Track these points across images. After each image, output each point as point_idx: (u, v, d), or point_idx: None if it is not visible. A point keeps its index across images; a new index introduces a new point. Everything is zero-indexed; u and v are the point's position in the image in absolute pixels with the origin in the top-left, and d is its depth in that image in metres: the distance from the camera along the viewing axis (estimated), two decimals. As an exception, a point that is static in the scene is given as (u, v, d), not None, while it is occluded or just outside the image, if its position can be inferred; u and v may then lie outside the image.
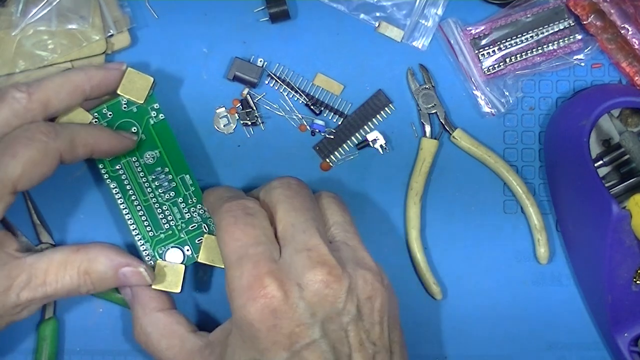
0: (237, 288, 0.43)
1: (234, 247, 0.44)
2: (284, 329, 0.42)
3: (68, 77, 0.49)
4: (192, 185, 0.53)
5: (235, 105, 0.57)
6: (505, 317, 0.58)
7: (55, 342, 0.55)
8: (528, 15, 0.58)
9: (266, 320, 0.42)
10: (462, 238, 0.58)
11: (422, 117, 0.58)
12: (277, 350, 0.42)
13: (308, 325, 0.42)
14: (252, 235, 0.45)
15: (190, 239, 0.53)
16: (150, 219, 0.52)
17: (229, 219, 0.46)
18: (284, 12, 0.57)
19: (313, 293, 0.43)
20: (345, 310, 0.43)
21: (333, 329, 0.43)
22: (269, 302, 0.42)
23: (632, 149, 0.55)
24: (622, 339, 0.55)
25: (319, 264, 0.43)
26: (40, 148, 0.46)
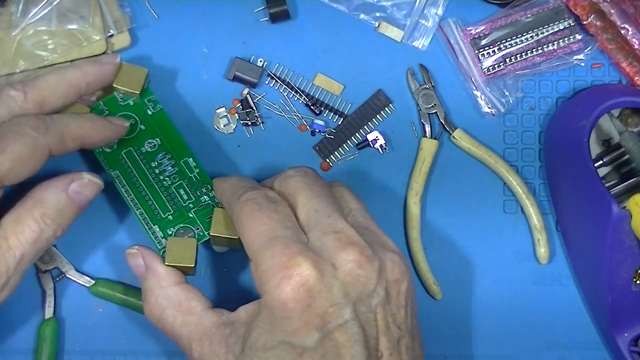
0: (269, 268, 0.42)
1: (261, 231, 0.44)
2: (317, 308, 0.41)
3: (63, 75, 0.49)
4: (196, 167, 0.53)
5: (235, 105, 0.57)
6: (505, 317, 0.58)
7: (55, 342, 0.55)
8: (528, 15, 0.58)
9: (301, 300, 0.41)
10: (462, 238, 0.58)
11: (422, 117, 0.58)
12: (309, 330, 0.41)
13: (341, 305, 0.42)
14: (278, 220, 0.44)
15: (200, 217, 0.52)
16: (157, 202, 0.52)
17: (252, 205, 0.45)
18: (284, 12, 0.57)
19: (346, 273, 0.42)
20: (376, 292, 0.43)
21: (363, 310, 0.43)
22: (304, 281, 0.41)
23: (632, 149, 0.55)
24: (622, 339, 0.55)
25: (349, 245, 0.43)
26: (29, 143, 0.45)
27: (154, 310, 0.48)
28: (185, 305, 0.47)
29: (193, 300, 0.47)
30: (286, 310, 0.42)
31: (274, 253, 0.43)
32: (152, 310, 0.48)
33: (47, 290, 0.55)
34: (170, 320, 0.47)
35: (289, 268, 0.42)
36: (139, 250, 0.50)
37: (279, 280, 0.42)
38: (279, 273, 0.42)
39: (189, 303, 0.47)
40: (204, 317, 0.47)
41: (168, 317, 0.47)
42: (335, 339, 0.42)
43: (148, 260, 0.49)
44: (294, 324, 0.42)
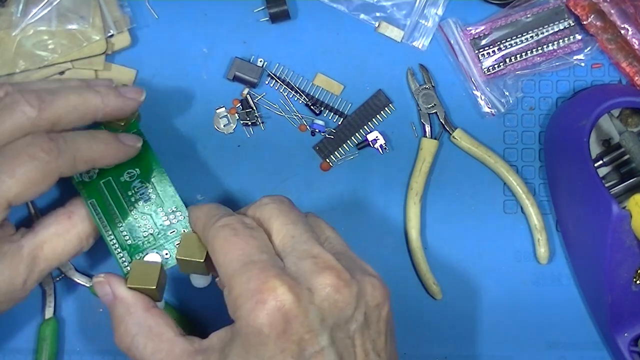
0: (243, 293, 0.41)
1: (236, 255, 0.43)
2: (294, 335, 0.40)
3: (84, 99, 0.47)
4: (173, 196, 0.51)
5: (235, 105, 0.57)
6: (505, 317, 0.58)
7: (55, 342, 0.55)
8: (528, 15, 0.58)
9: (277, 325, 0.40)
10: (462, 238, 0.58)
11: (422, 117, 0.58)
12: (284, 358, 0.40)
13: (317, 331, 0.41)
14: (254, 246, 0.43)
15: (170, 243, 0.50)
16: (129, 228, 0.50)
17: (228, 231, 0.44)
18: (284, 12, 0.57)
19: (323, 298, 0.41)
20: (354, 317, 0.42)
21: (341, 337, 0.42)
22: (280, 305, 0.40)
23: (632, 149, 0.55)
24: (622, 339, 0.55)
25: (326, 269, 0.42)
26: (40, 168, 0.44)
27: (124, 338, 0.46)
28: (156, 332, 0.46)
29: (163, 327, 0.46)
30: (261, 336, 0.40)
31: (249, 277, 0.41)
32: (121, 338, 0.46)
33: (47, 290, 0.56)
34: (141, 348, 0.45)
35: (264, 292, 0.40)
36: (106, 277, 0.48)
37: (253, 304, 0.40)
38: (254, 297, 0.40)
39: (160, 329, 0.46)
40: (176, 345, 0.45)
41: (139, 344, 0.45)
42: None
43: (115, 287, 0.48)
44: (269, 350, 0.40)
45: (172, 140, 0.57)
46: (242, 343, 0.41)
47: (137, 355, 0.45)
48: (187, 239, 0.49)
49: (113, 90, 0.49)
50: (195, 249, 0.48)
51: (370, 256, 0.57)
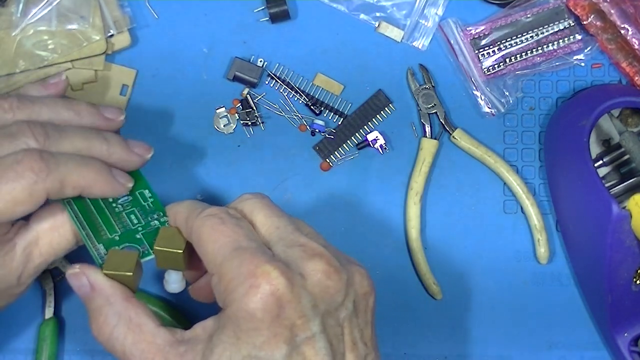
0: (235, 277, 0.41)
1: (225, 242, 0.42)
2: (286, 319, 0.40)
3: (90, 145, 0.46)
4: (150, 197, 0.50)
5: (235, 105, 0.57)
6: (505, 317, 0.58)
7: (55, 342, 0.55)
8: (528, 15, 0.58)
9: (270, 309, 0.40)
10: (462, 238, 0.58)
11: (422, 117, 0.58)
12: (277, 343, 0.40)
13: (309, 317, 0.41)
14: (242, 234, 0.43)
15: (147, 238, 0.49)
16: (105, 224, 0.49)
17: (215, 220, 0.44)
18: (284, 12, 0.57)
19: (315, 283, 0.41)
20: (344, 304, 0.42)
21: (331, 324, 0.42)
22: (273, 289, 0.40)
23: (632, 149, 0.55)
24: (622, 339, 0.55)
25: (316, 256, 0.42)
26: (26, 187, 0.43)
27: (103, 329, 0.44)
28: (136, 322, 0.44)
29: (144, 317, 0.44)
30: (254, 321, 0.40)
31: (241, 262, 0.41)
32: (100, 330, 0.44)
33: (47, 290, 0.56)
34: (122, 339, 0.44)
35: (258, 276, 0.40)
36: (81, 269, 0.46)
37: (247, 288, 0.40)
38: (247, 282, 0.40)
39: (140, 320, 0.44)
40: (157, 335, 0.43)
41: (119, 335, 0.44)
42: (303, 352, 0.40)
43: (92, 278, 0.45)
44: (262, 335, 0.40)
45: (172, 140, 0.57)
46: (233, 329, 0.41)
47: (117, 347, 0.44)
48: (166, 231, 0.48)
49: (121, 141, 0.48)
50: (174, 240, 0.47)
51: (370, 256, 0.57)
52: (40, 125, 0.46)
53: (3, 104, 0.46)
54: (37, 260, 0.47)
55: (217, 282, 0.42)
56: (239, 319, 0.40)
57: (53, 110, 0.47)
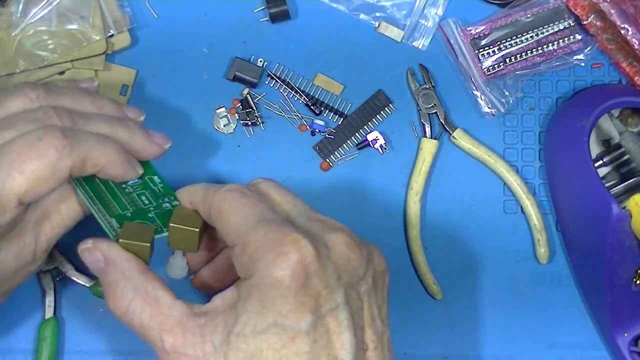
0: (262, 245, 0.41)
1: (250, 213, 0.43)
2: (312, 289, 0.40)
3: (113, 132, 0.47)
4: (160, 183, 0.50)
5: (235, 105, 0.57)
6: (505, 317, 0.58)
7: (55, 342, 0.55)
8: (528, 15, 0.58)
9: (298, 277, 0.40)
10: (462, 238, 0.58)
11: (422, 117, 0.58)
12: (303, 312, 0.40)
13: (334, 288, 0.41)
14: (265, 207, 0.43)
15: (159, 217, 0.48)
16: (117, 202, 0.48)
17: (237, 194, 0.44)
18: (284, 12, 0.57)
19: (339, 255, 0.42)
20: (364, 279, 0.42)
21: (353, 297, 0.42)
22: (301, 258, 0.40)
23: (632, 149, 0.55)
24: (622, 339, 0.55)
25: (337, 229, 0.43)
26: (50, 165, 0.43)
27: (120, 303, 0.43)
28: (153, 295, 0.43)
29: (160, 290, 0.43)
30: (281, 288, 0.40)
31: (268, 231, 0.41)
32: (117, 304, 0.44)
33: (47, 290, 0.56)
34: (139, 312, 0.43)
35: (286, 244, 0.40)
36: (94, 243, 0.45)
37: (275, 256, 0.40)
38: (275, 249, 0.40)
39: (156, 293, 0.43)
40: (174, 308, 0.43)
41: (136, 309, 0.43)
42: (327, 324, 0.40)
43: (106, 252, 0.45)
44: (289, 303, 0.40)
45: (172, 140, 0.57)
46: (258, 297, 0.40)
47: (135, 320, 0.43)
48: (181, 211, 0.48)
49: (142, 130, 0.49)
50: (190, 219, 0.47)
51: (370, 256, 0.57)
52: (66, 110, 0.46)
53: (30, 93, 0.46)
54: (49, 234, 0.47)
55: (239, 253, 0.42)
56: (265, 287, 0.40)
57: (78, 103, 0.48)
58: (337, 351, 0.40)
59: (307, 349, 0.40)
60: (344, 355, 0.40)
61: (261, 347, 0.40)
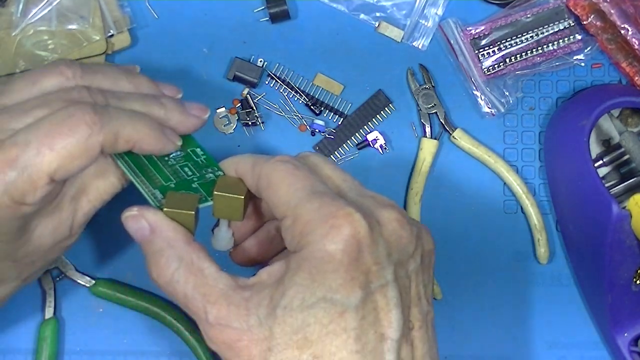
0: (315, 218, 0.40)
1: (302, 185, 0.42)
2: (363, 265, 0.39)
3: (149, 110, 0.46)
4: (203, 155, 0.49)
5: (235, 105, 0.57)
6: (505, 317, 0.58)
7: (55, 342, 0.55)
8: (528, 15, 0.58)
9: (351, 251, 0.39)
10: (462, 238, 0.58)
11: (422, 117, 0.58)
12: (353, 287, 0.39)
13: (384, 265, 0.40)
14: (316, 180, 0.43)
15: (203, 187, 0.47)
16: (160, 174, 0.47)
17: (288, 165, 0.43)
18: (284, 12, 0.57)
19: (390, 231, 0.41)
20: (414, 257, 0.42)
21: (401, 275, 0.41)
22: (355, 232, 0.39)
23: (632, 149, 0.55)
24: (622, 339, 0.55)
25: (388, 206, 0.42)
26: (81, 141, 0.42)
27: (164, 272, 0.42)
28: (198, 266, 0.42)
29: (205, 261, 0.43)
30: (333, 262, 0.39)
31: (321, 203, 0.40)
32: (161, 273, 0.43)
33: (47, 290, 0.56)
34: (183, 282, 0.42)
35: (340, 217, 0.39)
36: (140, 211, 0.44)
37: (327, 229, 0.39)
38: (328, 222, 0.39)
39: (202, 263, 0.42)
40: (219, 280, 0.42)
41: (180, 279, 0.42)
42: (375, 300, 0.40)
43: (152, 220, 0.44)
44: (339, 277, 0.39)
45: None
46: (309, 270, 0.39)
47: (178, 290, 0.42)
48: (225, 180, 0.47)
49: (178, 105, 0.48)
50: (234, 187, 0.46)
51: (370, 256, 0.57)
52: (100, 90, 0.45)
53: (66, 71, 0.46)
54: (86, 208, 0.47)
55: (290, 225, 0.41)
56: (316, 260, 0.39)
57: (114, 82, 0.47)
58: (384, 329, 0.39)
59: (354, 324, 0.39)
60: (391, 333, 0.40)
61: (308, 321, 0.39)
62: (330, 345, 0.38)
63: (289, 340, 0.39)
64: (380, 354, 0.39)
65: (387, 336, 0.39)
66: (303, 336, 0.39)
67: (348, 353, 0.38)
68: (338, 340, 0.38)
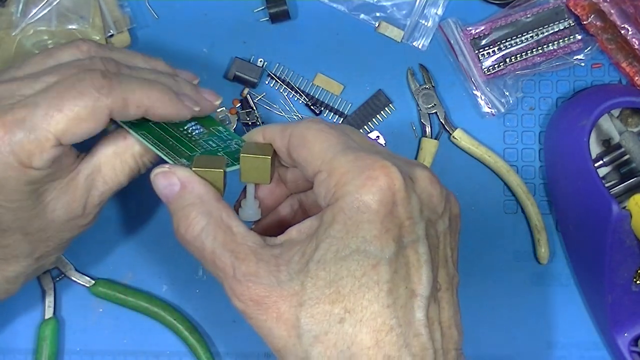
0: (351, 169, 0.40)
1: (337, 141, 0.41)
2: (397, 218, 0.39)
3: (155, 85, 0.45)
4: (225, 131, 0.49)
5: (235, 105, 0.57)
6: (505, 317, 0.58)
7: (55, 342, 0.55)
8: (528, 15, 0.58)
9: (386, 203, 0.39)
10: (462, 238, 0.58)
11: (422, 117, 0.58)
12: (387, 240, 0.39)
13: (416, 220, 0.40)
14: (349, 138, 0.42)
15: (228, 154, 0.47)
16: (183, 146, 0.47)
17: (319, 125, 0.43)
18: (284, 12, 0.57)
19: (422, 189, 0.41)
20: (442, 218, 0.42)
21: (432, 233, 0.41)
22: (391, 184, 0.39)
23: (632, 149, 0.55)
24: (622, 339, 0.55)
25: (419, 165, 0.42)
26: (89, 104, 0.42)
27: (193, 227, 0.42)
28: (227, 223, 0.42)
29: (235, 219, 0.42)
30: (369, 212, 0.39)
31: (357, 157, 0.40)
32: (189, 227, 0.42)
33: (47, 290, 0.56)
34: (211, 238, 0.41)
35: (377, 169, 0.39)
36: (171, 168, 0.44)
37: (364, 180, 0.39)
38: (365, 173, 0.39)
39: (231, 221, 0.42)
40: (247, 237, 0.41)
41: (209, 234, 0.42)
42: (407, 255, 0.39)
43: (183, 176, 0.44)
44: (375, 229, 0.39)
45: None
46: (344, 221, 0.39)
47: (207, 245, 0.42)
48: (251, 144, 0.47)
49: (192, 85, 0.48)
50: (261, 149, 0.46)
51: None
52: (112, 60, 0.46)
53: (82, 45, 0.46)
54: (101, 188, 0.47)
55: (324, 178, 0.41)
56: (352, 211, 0.39)
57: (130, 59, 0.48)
58: (414, 285, 0.39)
59: (387, 277, 0.38)
60: (421, 290, 0.39)
61: (341, 274, 0.38)
62: (362, 299, 0.38)
63: (321, 294, 0.38)
64: (410, 310, 0.39)
65: (418, 292, 0.39)
66: (336, 289, 0.38)
67: (380, 307, 0.38)
68: (370, 293, 0.38)
